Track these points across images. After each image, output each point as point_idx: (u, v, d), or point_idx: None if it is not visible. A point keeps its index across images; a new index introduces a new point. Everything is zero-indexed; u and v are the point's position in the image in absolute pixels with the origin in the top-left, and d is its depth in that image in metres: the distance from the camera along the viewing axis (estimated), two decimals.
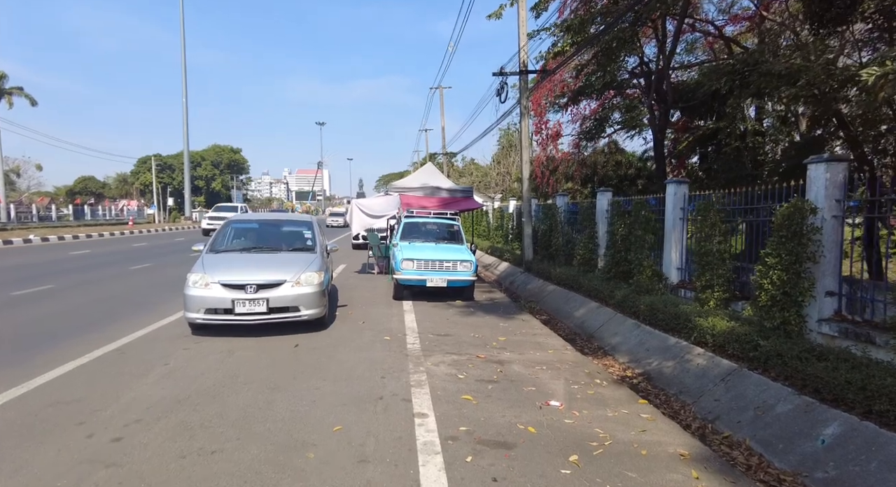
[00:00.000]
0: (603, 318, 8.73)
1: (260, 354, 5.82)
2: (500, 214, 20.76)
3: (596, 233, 11.48)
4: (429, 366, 5.43)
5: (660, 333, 7.23)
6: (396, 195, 11.96)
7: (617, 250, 10.00)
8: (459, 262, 9.07)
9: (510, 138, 36.09)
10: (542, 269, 12.68)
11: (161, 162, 69.89)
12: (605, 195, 11.75)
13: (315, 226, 8.10)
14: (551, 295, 11.19)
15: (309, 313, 6.69)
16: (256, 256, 7.23)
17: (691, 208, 8.72)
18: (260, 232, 8.09)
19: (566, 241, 13.00)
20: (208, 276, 6.52)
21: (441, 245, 10.01)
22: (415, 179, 12.59)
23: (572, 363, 5.89)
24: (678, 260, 8.97)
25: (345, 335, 6.76)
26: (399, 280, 9.03)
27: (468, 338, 6.72)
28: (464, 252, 9.54)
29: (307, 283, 6.73)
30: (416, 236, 10.26)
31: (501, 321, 7.93)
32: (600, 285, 9.51)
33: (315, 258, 7.26)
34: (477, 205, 13.98)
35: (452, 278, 8.98)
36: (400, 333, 6.89)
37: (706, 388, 5.64)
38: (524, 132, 14.29)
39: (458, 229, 10.54)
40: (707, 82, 11.08)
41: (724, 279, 7.21)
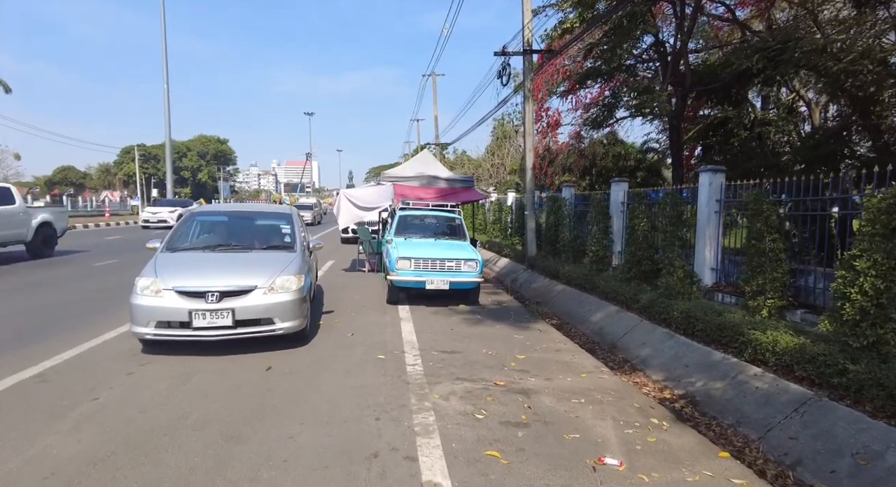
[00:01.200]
0: (626, 325, 7.57)
1: (222, 381, 4.56)
2: (498, 207, 19.55)
3: (610, 228, 10.33)
4: (436, 400, 4.21)
5: (700, 346, 6.09)
6: (389, 185, 10.68)
7: (638, 247, 8.84)
8: (464, 261, 7.84)
9: (504, 129, 34.82)
10: (547, 267, 11.50)
11: (145, 152, 67.58)
12: (621, 186, 10.59)
13: (295, 219, 6.81)
14: (561, 296, 10.01)
15: (285, 326, 5.43)
16: (222, 256, 5.92)
17: (731, 201, 7.58)
18: (229, 226, 6.77)
19: (574, 237, 11.83)
20: (160, 281, 5.22)
21: (441, 241, 8.76)
22: (410, 168, 11.32)
23: (614, 392, 4.70)
24: (712, 259, 7.84)
25: (330, 352, 5.51)
26: (394, 281, 7.78)
27: (480, 356, 5.51)
28: (468, 249, 8.31)
29: (283, 289, 5.47)
30: (412, 231, 9.00)
31: (515, 331, 6.73)
32: (619, 286, 8.35)
33: (294, 258, 5.98)
34: (480, 197, 12.75)
35: (456, 280, 7.76)
36: (397, 349, 5.66)
37: (774, 420, 4.48)
38: (528, 117, 13.04)
39: (461, 223, 9.30)
40: (736, 61, 9.92)
41: (780, 284, 6.08)
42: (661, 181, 22.72)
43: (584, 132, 19.33)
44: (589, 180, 22.06)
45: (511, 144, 33.12)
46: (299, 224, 6.86)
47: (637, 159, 23.92)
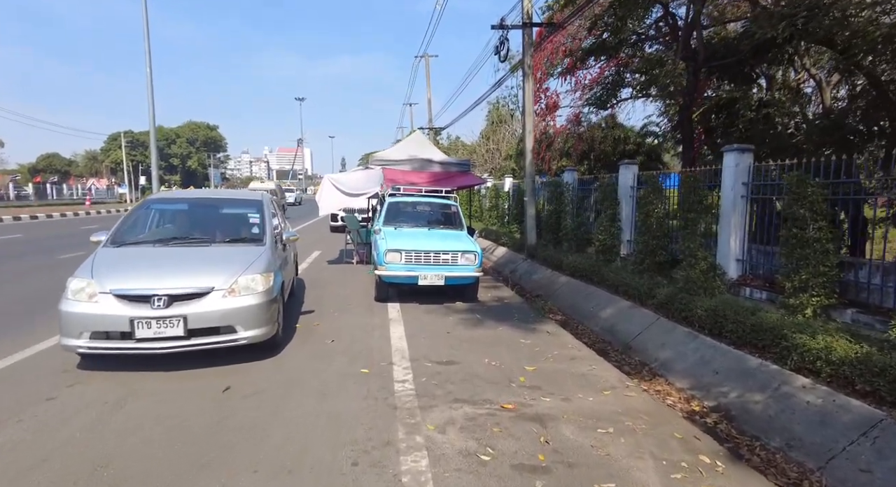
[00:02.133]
0: (641, 323, 6.72)
1: (164, 409, 3.65)
2: (494, 193, 18.60)
3: (618, 215, 9.45)
4: (430, 433, 3.33)
5: (730, 349, 5.27)
6: (378, 169, 9.70)
7: (652, 236, 7.98)
8: (461, 253, 6.92)
9: (499, 113, 33.67)
10: (549, 257, 10.63)
11: (133, 138, 65.69)
12: (630, 169, 9.67)
13: (267, 206, 5.84)
14: (565, 289, 9.15)
15: (250, 335, 4.51)
16: (176, 252, 4.96)
17: (763, 183, 6.68)
18: (188, 216, 5.78)
19: (578, 224, 10.94)
20: (96, 283, 4.28)
21: (435, 231, 7.83)
22: (401, 150, 10.33)
23: (647, 416, 3.83)
24: (738, 249, 6.97)
25: (304, 366, 4.60)
26: (382, 277, 6.86)
27: (482, 368, 4.62)
28: (465, 240, 7.39)
29: (248, 291, 4.54)
30: (403, 220, 8.05)
31: (521, 334, 5.84)
32: (631, 279, 7.50)
33: (262, 253, 5.04)
34: (477, 181, 11.79)
35: (452, 274, 6.85)
36: (384, 359, 4.76)
37: (836, 446, 3.66)
38: (527, 95, 12.05)
39: (457, 211, 8.36)
40: (759, 30, 8.96)
41: (828, 279, 5.22)
42: (661, 165, 21.89)
43: (585, 113, 18.38)
44: (587, 165, 21.18)
45: (507, 128, 32.04)
46: (272, 212, 5.91)
47: (637, 143, 23.08)
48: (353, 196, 9.46)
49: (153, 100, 25.63)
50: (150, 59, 25.23)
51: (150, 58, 25.28)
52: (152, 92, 25.67)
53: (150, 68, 25.35)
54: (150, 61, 25.34)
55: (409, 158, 10.05)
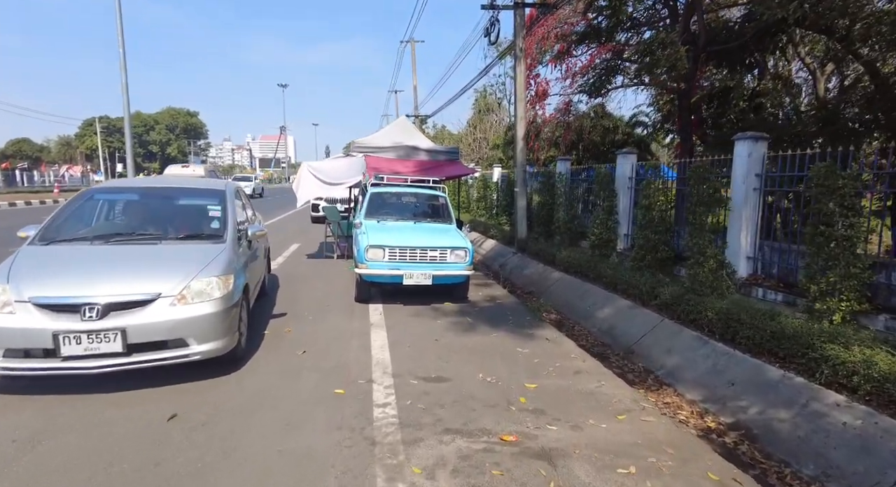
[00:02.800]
0: (644, 325, 6.18)
1: (88, 447, 2.94)
2: (482, 183, 17.93)
3: (615, 208, 8.87)
4: (416, 480, 2.69)
5: (747, 358, 4.73)
6: (360, 156, 8.96)
7: (653, 230, 7.42)
8: (450, 250, 6.25)
9: (487, 101, 32.88)
10: (541, 251, 10.04)
11: (109, 124, 63.45)
12: (629, 159, 9.07)
13: (230, 197, 5.08)
14: (558, 286, 8.57)
15: (204, 349, 3.81)
16: (118, 250, 4.20)
17: (779, 174, 6.12)
18: (138, 208, 4.99)
19: (571, 217, 10.36)
20: (12, 289, 3.53)
21: (422, 224, 7.13)
22: (385, 137, 9.57)
23: (671, 448, 3.23)
24: (749, 246, 6.42)
25: (268, 385, 3.91)
26: (363, 275, 6.17)
27: (476, 386, 3.98)
28: (454, 235, 6.72)
29: (202, 297, 3.83)
30: (387, 212, 7.33)
31: (517, 341, 5.22)
32: (630, 276, 6.94)
33: (221, 251, 4.31)
34: (466, 171, 11.09)
35: (440, 273, 6.18)
36: (362, 377, 4.09)
37: (886, 480, 3.15)
38: (519, 80, 11.36)
39: (446, 203, 7.66)
40: (766, 11, 8.37)
41: (858, 282, 4.68)
42: (650, 156, 21.44)
43: (577, 100, 17.77)
44: (576, 155, 20.65)
45: (495, 116, 31.30)
46: (236, 203, 5.16)
47: (626, 133, 22.65)
48: (331, 185, 8.71)
49: (126, 83, 24.35)
50: (122, 39, 23.90)
51: (123, 38, 23.95)
52: (126, 74, 24.36)
53: (122, 49, 24.02)
54: (123, 42, 24.01)
55: (394, 145, 9.31)
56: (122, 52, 24.29)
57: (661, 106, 19.51)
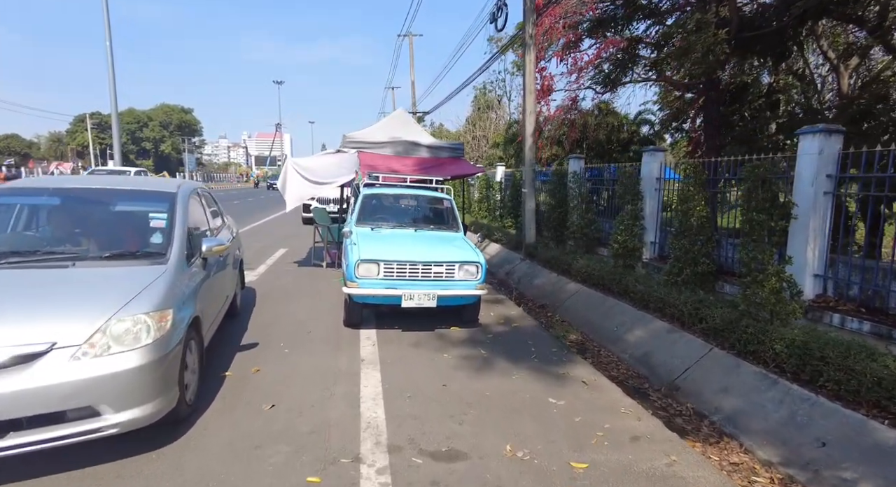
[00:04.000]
0: (688, 354, 5.09)
1: None
2: (485, 183, 16.78)
3: (641, 212, 7.78)
4: None
5: (839, 408, 3.67)
6: (353, 152, 7.81)
7: (692, 240, 6.35)
8: (458, 265, 5.11)
9: (486, 99, 31.74)
10: (553, 258, 8.93)
11: (101, 120, 61.80)
12: (656, 157, 7.98)
13: (181, 201, 3.91)
14: (576, 300, 7.47)
15: (124, 419, 2.66)
16: (9, 278, 3.03)
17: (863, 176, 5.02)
18: (53, 215, 3.78)
19: (588, 221, 9.26)
20: None
21: (424, 233, 5.98)
22: (381, 131, 8.41)
23: None
24: (817, 262, 5.34)
25: (213, 471, 2.76)
26: (353, 296, 5.02)
27: (504, 467, 2.84)
28: (462, 245, 5.58)
29: (122, 343, 2.70)
30: (382, 218, 6.17)
31: (547, 386, 4.09)
32: (666, 294, 5.87)
33: (159, 277, 3.16)
34: (475, 170, 9.93)
35: (447, 293, 5.04)
36: (346, 452, 2.94)
37: None
38: (529, 71, 10.23)
39: (451, 207, 6.50)
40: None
41: None
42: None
43: (582, 97, 16.69)
44: (579, 154, 19.62)
45: (496, 114, 30.17)
46: (198, 210, 3.99)
47: (631, 132, 21.67)
48: (319, 184, 7.55)
49: (114, 74, 23.02)
50: (108, 30, 22.62)
51: (110, 29, 22.66)
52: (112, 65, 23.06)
53: (109, 41, 22.74)
54: (110, 34, 22.72)
55: (392, 140, 8.15)
56: (108, 44, 22.96)
57: (669, 103, 18.49)
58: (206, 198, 4.91)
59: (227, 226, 5.65)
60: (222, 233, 5.05)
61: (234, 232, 5.88)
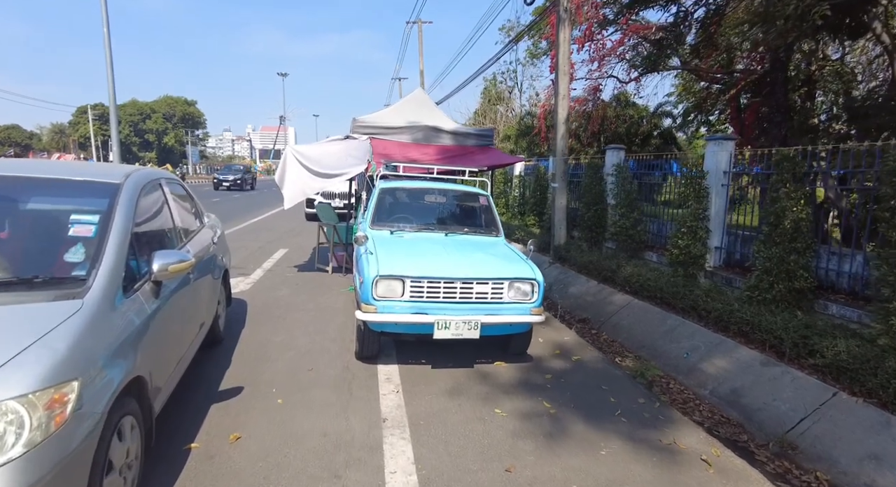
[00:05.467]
0: (802, 399, 3.82)
1: None
2: (503, 178, 15.45)
3: (706, 212, 6.49)
4: None
5: None
6: (365, 139, 6.51)
7: (787, 248, 5.06)
8: (508, 283, 3.81)
9: (497, 91, 30.28)
10: (591, 263, 7.65)
11: (103, 112, 60.37)
12: (725, 146, 6.63)
13: (125, 200, 2.62)
14: (626, 315, 6.19)
15: None
16: None
17: None
18: None
19: (633, 222, 7.96)
20: None
21: (456, 237, 4.67)
22: (397, 114, 7.07)
23: None
24: None
25: None
26: (370, 323, 3.73)
27: None
28: (509, 255, 4.28)
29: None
30: (403, 218, 4.87)
31: (653, 469, 2.81)
32: (752, 314, 4.64)
33: (64, 323, 1.87)
34: (514, 159, 8.58)
35: (493, 320, 3.74)
36: None
37: None
38: (563, 50, 8.87)
39: (490, 205, 5.17)
40: None
41: None
42: (678, 149, 19.12)
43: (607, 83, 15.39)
44: (597, 147, 18.36)
45: (506, 106, 28.76)
46: (136, 210, 2.69)
47: (652, 124, 20.38)
48: (326, 177, 6.25)
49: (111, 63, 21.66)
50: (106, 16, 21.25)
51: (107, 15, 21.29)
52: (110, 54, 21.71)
53: (107, 28, 21.33)
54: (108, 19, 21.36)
55: (410, 125, 6.83)
56: (106, 31, 21.55)
57: (694, 94, 17.25)
58: (174, 193, 3.62)
59: (207, 227, 4.36)
60: (196, 239, 3.76)
61: (217, 234, 4.60)
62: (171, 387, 2.82)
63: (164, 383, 2.64)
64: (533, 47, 23.62)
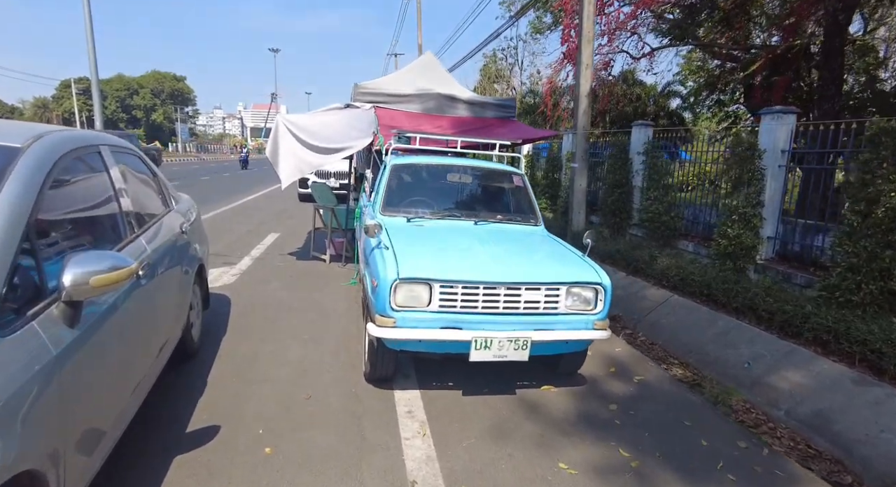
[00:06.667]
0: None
1: None
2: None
3: (759, 197, 5.63)
4: None
5: None
6: (368, 108, 5.51)
7: (879, 242, 4.23)
8: (566, 288, 2.91)
9: (497, 68, 28.96)
10: (618, 253, 6.84)
11: (87, 86, 57.94)
12: (783, 121, 5.69)
13: (23, 177, 1.68)
14: (665, 313, 5.36)
15: None
16: None
17: None
18: None
19: (667, 207, 7.09)
20: None
21: (488, 226, 3.73)
22: (404, 81, 6.01)
23: None
24: None
25: None
26: (386, 341, 2.82)
27: None
28: (560, 251, 3.36)
29: None
30: (421, 202, 3.90)
31: None
32: (835, 319, 3.85)
33: None
34: (545, 134, 7.58)
35: (545, 337, 2.85)
36: None
37: None
38: (587, 12, 7.83)
39: (526, 186, 4.17)
40: None
41: None
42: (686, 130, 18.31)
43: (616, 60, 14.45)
44: (603, 126, 17.42)
45: (506, 84, 27.53)
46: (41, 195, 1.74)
47: (659, 105, 19.54)
48: (326, 152, 5.25)
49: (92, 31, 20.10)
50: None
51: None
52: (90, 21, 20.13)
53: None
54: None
55: (420, 93, 5.82)
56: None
57: (707, 71, 16.32)
58: (125, 167, 2.64)
59: (176, 212, 3.40)
60: (157, 229, 2.81)
61: (191, 220, 3.63)
62: (108, 450, 1.90)
63: (93, 457, 1.73)
64: (537, 21, 22.34)
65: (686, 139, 7.79)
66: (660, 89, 19.58)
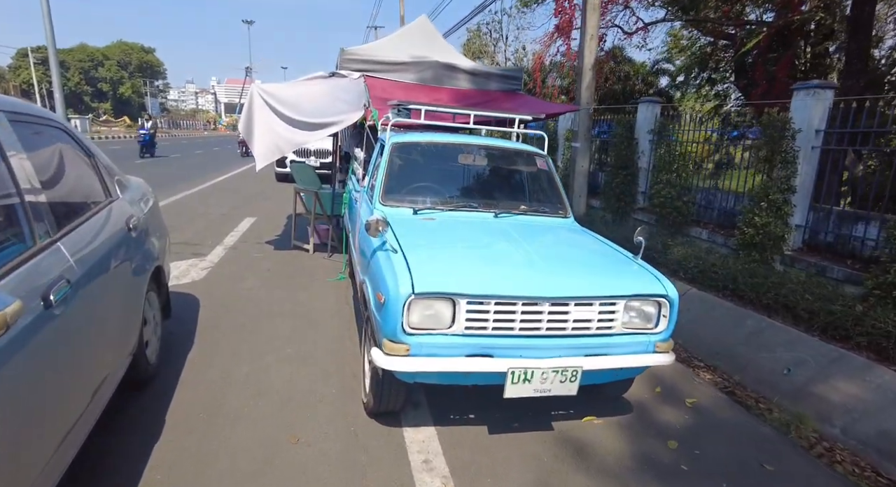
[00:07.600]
0: None
1: None
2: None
3: (789, 182, 5.12)
4: None
5: None
6: (358, 77, 4.71)
7: None
8: (624, 303, 2.29)
9: (482, 42, 27.83)
10: (625, 240, 6.21)
11: (46, 56, 54.30)
12: (820, 97, 5.09)
13: None
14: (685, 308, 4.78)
15: None
16: None
17: None
18: None
19: (680, 191, 6.55)
20: None
21: (511, 219, 3.04)
22: (396, 47, 5.17)
23: None
24: None
25: None
26: (399, 374, 2.16)
27: None
28: (617, 259, 2.70)
29: None
30: (428, 190, 3.19)
31: None
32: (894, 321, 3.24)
33: None
34: (567, 108, 6.81)
35: (599, 365, 2.23)
36: None
37: None
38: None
39: (550, 170, 3.47)
40: None
41: None
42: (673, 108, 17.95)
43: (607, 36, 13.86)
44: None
45: (490, 60, 26.47)
46: None
47: (647, 82, 19.15)
48: (310, 129, 4.46)
49: None
50: None
51: None
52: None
53: None
54: None
55: (415, 61, 5.04)
56: None
57: (699, 48, 15.91)
58: (36, 140, 1.88)
59: (123, 201, 2.63)
60: (90, 226, 2.06)
61: (145, 211, 2.87)
62: None
63: None
64: None
65: None
66: (650, 67, 19.10)
